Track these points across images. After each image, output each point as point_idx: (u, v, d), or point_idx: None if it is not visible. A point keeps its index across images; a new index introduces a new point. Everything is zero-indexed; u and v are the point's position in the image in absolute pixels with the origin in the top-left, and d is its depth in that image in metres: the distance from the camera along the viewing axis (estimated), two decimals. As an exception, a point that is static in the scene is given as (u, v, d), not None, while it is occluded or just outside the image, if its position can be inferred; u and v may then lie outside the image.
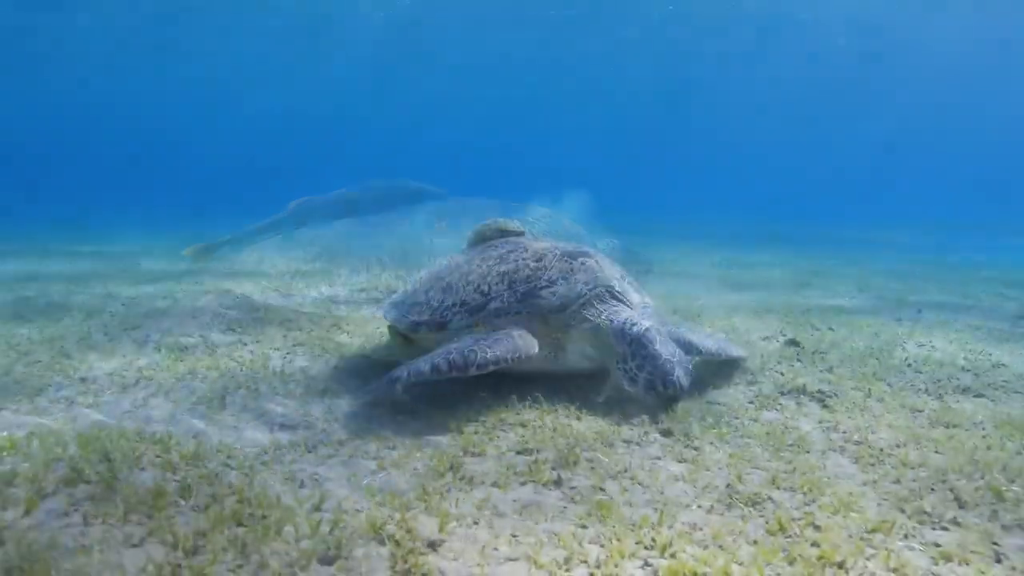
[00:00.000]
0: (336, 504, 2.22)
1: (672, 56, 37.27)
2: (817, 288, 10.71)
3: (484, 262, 4.23)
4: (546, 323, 3.80)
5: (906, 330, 6.21)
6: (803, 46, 35.98)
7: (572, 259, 4.02)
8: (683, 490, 2.45)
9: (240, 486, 2.27)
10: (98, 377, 3.88)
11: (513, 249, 4.28)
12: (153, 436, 2.80)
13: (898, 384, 4.19)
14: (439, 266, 4.84)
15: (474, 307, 3.92)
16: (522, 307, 3.83)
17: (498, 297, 3.89)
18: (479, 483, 2.47)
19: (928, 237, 20.36)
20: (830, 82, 41.30)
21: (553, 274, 3.91)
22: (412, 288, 4.69)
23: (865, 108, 47.68)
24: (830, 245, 17.42)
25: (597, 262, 4.07)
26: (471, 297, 3.97)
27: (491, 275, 4.03)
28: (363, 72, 43.79)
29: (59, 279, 8.17)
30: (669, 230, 19.44)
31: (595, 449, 2.81)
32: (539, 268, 3.96)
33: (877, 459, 2.88)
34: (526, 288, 3.87)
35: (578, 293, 3.82)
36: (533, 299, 3.83)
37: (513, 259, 4.10)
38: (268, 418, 3.29)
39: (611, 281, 3.95)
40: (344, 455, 2.80)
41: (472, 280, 4.08)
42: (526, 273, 3.95)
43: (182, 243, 10.71)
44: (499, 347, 3.42)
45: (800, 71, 39.66)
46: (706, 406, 3.65)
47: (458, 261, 4.63)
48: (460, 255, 4.95)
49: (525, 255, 4.11)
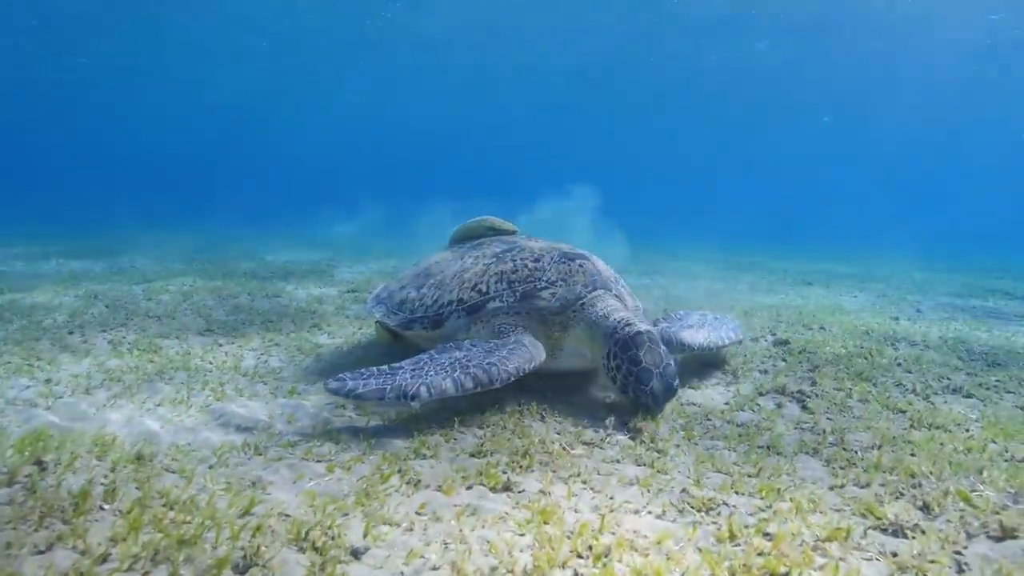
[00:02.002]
0: (267, 509, 2.14)
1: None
2: (820, 287, 10.54)
3: (479, 260, 4.14)
4: (544, 323, 3.74)
5: (902, 328, 6.06)
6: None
7: (571, 261, 3.95)
8: (635, 495, 2.35)
9: (169, 490, 2.19)
10: (63, 379, 3.83)
11: (510, 248, 4.21)
12: (98, 438, 2.73)
13: (884, 384, 4.05)
14: (426, 262, 4.76)
15: (472, 306, 3.85)
16: (521, 307, 3.76)
17: (497, 296, 3.82)
18: (424, 487, 2.38)
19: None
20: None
21: (552, 275, 3.85)
22: (399, 285, 4.61)
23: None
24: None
25: (595, 265, 4.01)
26: (468, 296, 3.90)
27: (489, 274, 3.95)
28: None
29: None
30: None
31: (551, 452, 2.71)
32: (538, 269, 3.89)
33: (849, 462, 2.76)
34: (525, 288, 3.80)
35: (577, 295, 3.75)
36: (533, 300, 3.76)
37: (511, 258, 4.02)
38: (227, 419, 3.21)
39: (609, 284, 3.90)
40: (295, 457, 2.72)
41: (468, 278, 4.00)
42: (525, 273, 3.88)
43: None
44: (516, 358, 3.33)
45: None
46: (680, 407, 3.54)
47: (447, 258, 4.54)
48: (448, 252, 4.85)
49: (523, 255, 4.03)
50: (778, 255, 19.32)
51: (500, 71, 38.94)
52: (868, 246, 20.94)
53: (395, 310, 4.26)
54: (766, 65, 35.42)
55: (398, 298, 4.36)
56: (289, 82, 41.61)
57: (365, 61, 37.88)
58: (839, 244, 23.57)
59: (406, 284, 4.49)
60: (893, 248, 18.77)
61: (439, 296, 4.05)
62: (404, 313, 4.15)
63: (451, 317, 3.90)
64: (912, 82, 36.67)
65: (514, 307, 3.78)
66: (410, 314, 4.11)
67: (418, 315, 4.05)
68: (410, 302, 4.20)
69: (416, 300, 4.17)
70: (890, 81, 37.55)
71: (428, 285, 4.22)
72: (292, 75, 40.25)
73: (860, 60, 34.20)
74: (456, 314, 3.88)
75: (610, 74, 38.11)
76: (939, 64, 33.18)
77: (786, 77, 37.41)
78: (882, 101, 41.01)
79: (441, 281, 4.15)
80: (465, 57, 36.51)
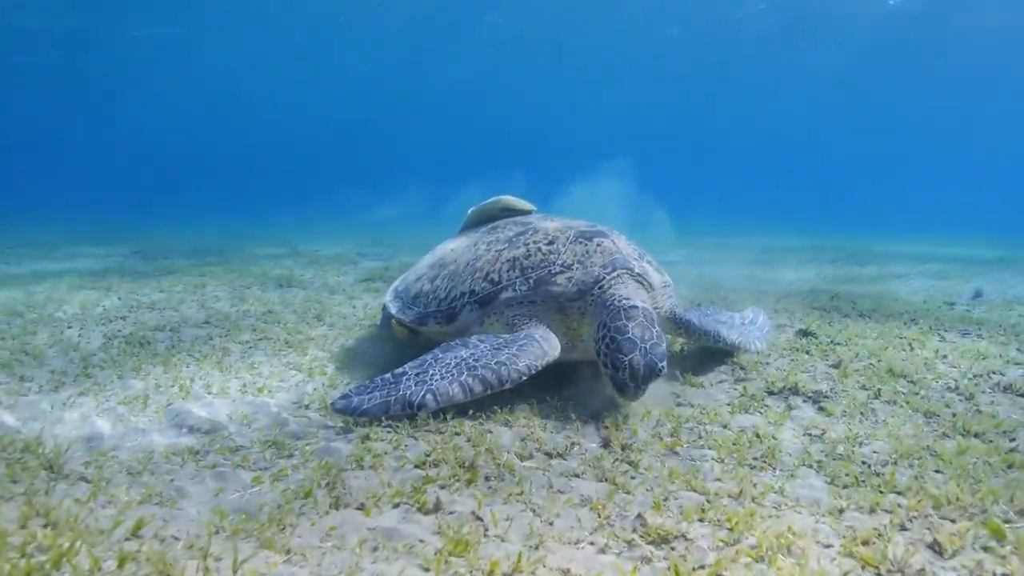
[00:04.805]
0: (157, 530, 1.91)
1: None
2: (874, 267, 9.77)
3: (492, 246, 3.85)
4: (562, 312, 3.43)
5: (956, 315, 5.41)
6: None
7: (587, 240, 3.60)
8: (581, 520, 2.01)
9: (55, 505, 1.99)
10: (39, 375, 3.76)
11: (523, 231, 3.88)
12: (23, 441, 2.59)
13: (921, 381, 3.53)
14: (441, 250, 4.50)
15: (484, 297, 3.56)
16: (536, 295, 3.45)
17: (509, 286, 3.51)
18: (344, 505, 2.11)
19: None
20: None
21: (568, 258, 3.51)
22: (415, 275, 4.36)
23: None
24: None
25: (614, 242, 3.64)
26: (480, 286, 3.61)
27: (500, 261, 3.65)
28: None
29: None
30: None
31: (500, 463, 2.39)
32: (552, 252, 3.56)
33: (856, 479, 2.34)
34: (539, 274, 3.48)
35: (596, 278, 3.40)
36: (547, 286, 3.44)
37: (523, 242, 3.71)
38: (182, 420, 3.03)
39: (630, 262, 3.52)
40: (229, 465, 2.50)
41: (480, 267, 3.71)
42: (539, 258, 3.56)
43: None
44: (527, 355, 3.08)
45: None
46: (674, 408, 3.16)
47: (461, 245, 4.27)
48: (463, 237, 4.57)
49: (536, 237, 3.71)
50: (838, 232, 18.25)
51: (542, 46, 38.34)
52: (938, 223, 19.53)
53: (410, 304, 4.00)
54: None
55: (413, 291, 4.10)
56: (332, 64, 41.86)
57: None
58: (906, 220, 22.11)
59: (421, 275, 4.22)
60: (973, 228, 17.39)
61: (452, 288, 3.76)
62: (418, 307, 3.89)
63: (463, 310, 3.61)
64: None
65: (528, 296, 3.45)
66: (424, 308, 3.84)
67: (432, 309, 3.78)
68: (424, 295, 3.94)
69: (430, 293, 3.90)
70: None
71: (441, 276, 3.95)
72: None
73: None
74: (468, 307, 3.60)
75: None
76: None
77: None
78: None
79: (454, 271, 3.87)
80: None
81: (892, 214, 29.21)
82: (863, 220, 25.19)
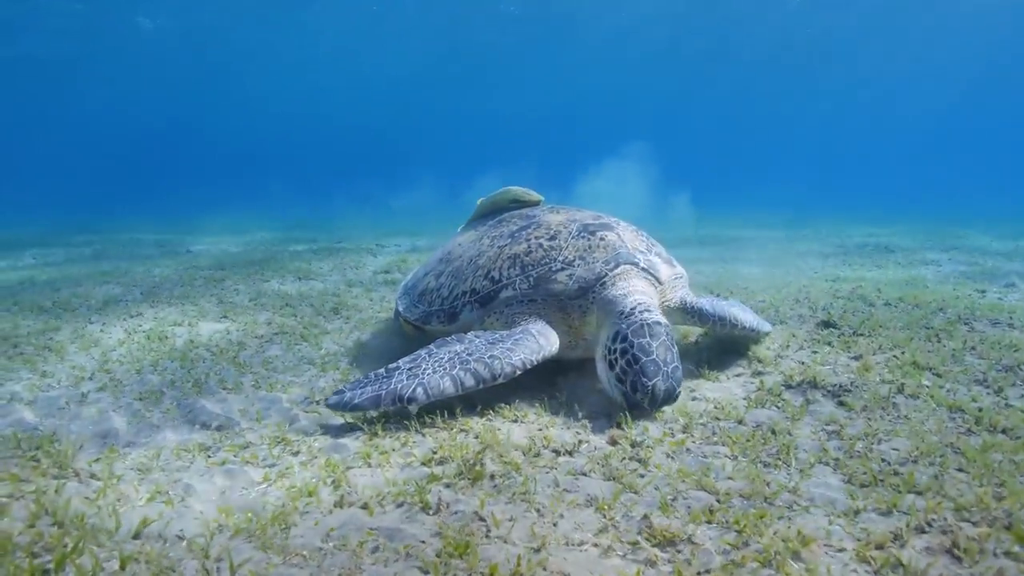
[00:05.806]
0: (160, 528, 1.93)
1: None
2: (901, 254, 9.52)
3: (495, 242, 3.79)
4: (563, 310, 3.36)
5: (987, 304, 5.23)
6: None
7: (591, 234, 3.52)
8: (585, 521, 1.97)
9: (63, 505, 2.01)
10: (60, 371, 3.83)
11: (526, 225, 3.82)
12: (32, 439, 2.63)
13: (947, 374, 3.41)
14: (449, 245, 4.46)
15: (484, 296, 3.50)
16: (536, 294, 3.38)
17: (509, 284, 3.44)
18: (348, 504, 2.10)
19: None
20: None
21: (569, 254, 3.43)
22: (424, 271, 4.35)
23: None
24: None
25: (619, 235, 3.56)
26: (481, 284, 3.56)
27: (501, 258, 3.59)
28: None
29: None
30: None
31: (507, 461, 2.36)
32: (553, 248, 3.49)
33: (874, 479, 2.26)
34: (540, 272, 3.41)
35: (598, 274, 3.33)
36: (547, 284, 3.37)
37: (524, 238, 3.64)
38: (196, 415, 3.06)
39: (635, 256, 3.44)
40: (238, 462, 2.52)
41: (482, 264, 3.66)
42: (539, 254, 3.48)
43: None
44: (522, 349, 3.02)
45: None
46: (688, 403, 3.09)
47: (468, 239, 4.22)
48: (471, 231, 4.53)
49: (538, 232, 3.64)
50: (866, 218, 17.82)
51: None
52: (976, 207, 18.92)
53: (416, 301, 3.96)
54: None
55: (420, 288, 4.06)
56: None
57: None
58: (938, 206, 21.48)
59: (429, 271, 4.19)
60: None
61: (455, 286, 3.71)
62: (423, 305, 3.85)
63: (464, 310, 3.56)
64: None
65: (528, 294, 3.38)
66: (428, 306, 3.80)
67: (435, 308, 3.74)
68: (429, 292, 3.90)
69: (435, 291, 3.86)
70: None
71: (446, 273, 3.90)
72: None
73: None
74: (469, 306, 3.54)
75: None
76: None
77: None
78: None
79: (458, 268, 3.82)
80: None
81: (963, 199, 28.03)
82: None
